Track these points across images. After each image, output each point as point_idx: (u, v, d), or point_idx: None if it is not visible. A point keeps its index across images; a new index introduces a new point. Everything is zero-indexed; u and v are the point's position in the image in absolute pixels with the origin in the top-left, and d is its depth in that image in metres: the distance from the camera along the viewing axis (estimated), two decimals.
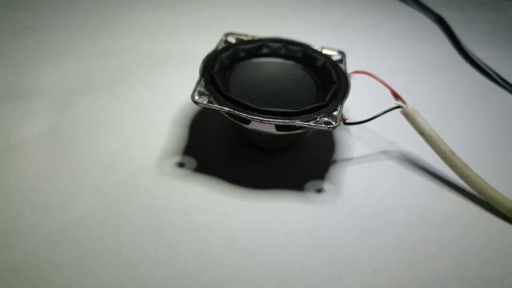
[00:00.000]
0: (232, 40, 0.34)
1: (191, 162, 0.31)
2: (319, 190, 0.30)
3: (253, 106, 0.28)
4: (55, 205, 0.27)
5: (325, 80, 0.31)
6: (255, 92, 0.30)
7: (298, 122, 0.27)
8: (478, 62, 0.41)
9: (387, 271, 0.26)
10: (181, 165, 0.31)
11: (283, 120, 0.27)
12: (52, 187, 0.28)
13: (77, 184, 0.29)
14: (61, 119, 0.33)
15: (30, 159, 0.30)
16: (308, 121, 0.27)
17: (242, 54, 0.33)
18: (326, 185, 0.30)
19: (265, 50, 0.33)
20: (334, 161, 0.32)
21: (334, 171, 0.31)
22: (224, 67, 0.31)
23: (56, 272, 0.24)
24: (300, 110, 0.28)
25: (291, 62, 0.33)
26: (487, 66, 0.41)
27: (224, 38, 0.34)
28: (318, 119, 0.28)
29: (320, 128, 0.27)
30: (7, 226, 0.26)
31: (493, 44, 0.44)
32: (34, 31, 0.41)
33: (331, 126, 0.27)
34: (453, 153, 0.30)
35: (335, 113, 0.28)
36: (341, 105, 0.29)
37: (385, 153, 0.33)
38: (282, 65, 0.33)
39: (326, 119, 0.28)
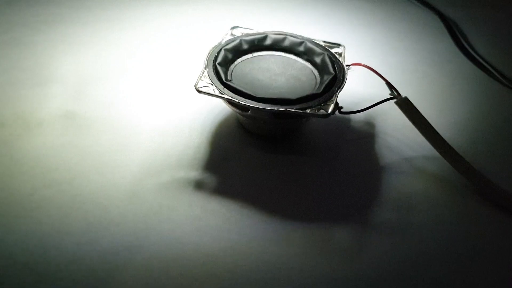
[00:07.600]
0: (237, 33, 0.36)
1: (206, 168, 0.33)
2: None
3: (252, 94, 0.30)
4: (66, 182, 0.30)
5: (324, 72, 0.33)
6: (256, 84, 0.32)
7: (293, 110, 0.29)
8: (478, 58, 0.42)
9: None
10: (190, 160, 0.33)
11: (278, 107, 0.29)
12: (64, 166, 0.31)
13: (87, 163, 0.31)
14: (76, 104, 0.36)
15: (46, 140, 0.33)
16: (304, 109, 0.29)
17: (245, 47, 0.34)
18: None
19: (267, 44, 0.35)
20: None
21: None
22: (228, 59, 0.33)
23: (66, 239, 0.27)
24: (297, 98, 0.29)
25: (291, 56, 0.34)
26: (487, 63, 0.42)
27: (230, 31, 0.36)
28: (313, 107, 0.29)
29: (315, 115, 0.29)
30: (24, 199, 0.29)
31: (496, 42, 0.44)
32: (54, 25, 0.44)
33: (326, 113, 0.29)
34: (445, 142, 0.31)
35: (330, 101, 0.30)
36: (336, 94, 0.30)
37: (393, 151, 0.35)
38: (283, 59, 0.34)
39: (321, 107, 0.29)
